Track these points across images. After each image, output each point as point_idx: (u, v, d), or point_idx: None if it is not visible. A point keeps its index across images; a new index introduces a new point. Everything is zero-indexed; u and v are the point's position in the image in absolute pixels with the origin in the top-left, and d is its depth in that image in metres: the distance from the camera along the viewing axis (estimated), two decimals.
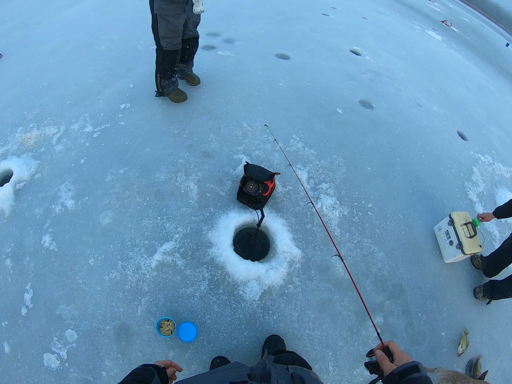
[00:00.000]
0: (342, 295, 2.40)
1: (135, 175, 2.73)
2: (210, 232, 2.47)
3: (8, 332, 2.16)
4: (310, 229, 2.62)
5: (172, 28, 2.71)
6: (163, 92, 3.21)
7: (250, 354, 2.10)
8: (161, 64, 2.96)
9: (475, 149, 3.91)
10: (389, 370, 0.89)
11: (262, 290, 2.29)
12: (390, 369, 0.89)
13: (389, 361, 0.93)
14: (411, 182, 3.17)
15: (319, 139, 3.24)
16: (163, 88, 3.18)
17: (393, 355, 0.95)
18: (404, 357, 0.92)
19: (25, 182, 2.74)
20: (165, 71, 3.01)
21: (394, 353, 0.95)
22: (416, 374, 0.84)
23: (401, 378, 0.85)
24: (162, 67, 2.99)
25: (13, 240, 2.47)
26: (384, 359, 0.94)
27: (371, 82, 4.32)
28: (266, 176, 2.51)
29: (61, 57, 4.03)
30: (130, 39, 4.25)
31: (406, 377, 0.84)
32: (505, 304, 2.77)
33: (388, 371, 0.90)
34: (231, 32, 4.64)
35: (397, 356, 0.94)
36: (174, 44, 2.83)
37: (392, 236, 2.75)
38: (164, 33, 2.73)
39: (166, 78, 3.07)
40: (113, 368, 2.02)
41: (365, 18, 6.63)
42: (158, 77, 3.09)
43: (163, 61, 2.93)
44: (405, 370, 0.86)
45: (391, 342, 0.99)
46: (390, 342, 0.99)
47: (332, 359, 2.19)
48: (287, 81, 3.80)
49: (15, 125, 3.17)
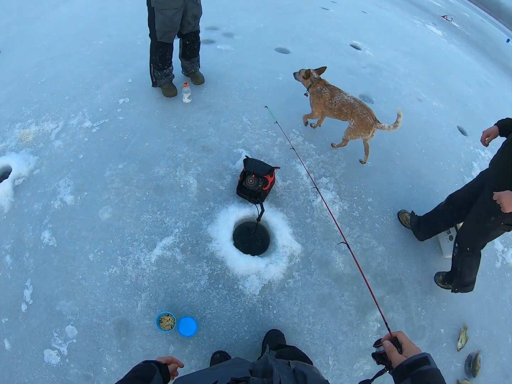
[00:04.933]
0: (342, 290, 2.39)
1: (134, 170, 2.72)
2: (209, 227, 2.46)
3: (8, 328, 2.16)
4: (310, 223, 2.61)
5: (168, 23, 2.69)
6: (157, 83, 3.22)
7: (250, 348, 2.10)
8: (153, 54, 2.98)
9: (475, 144, 3.90)
10: (398, 361, 0.87)
11: (262, 285, 2.29)
12: (399, 360, 0.87)
13: (398, 352, 0.91)
14: (411, 177, 3.16)
15: (319, 133, 3.22)
16: (157, 79, 3.18)
17: (401, 346, 0.93)
18: (413, 348, 0.90)
19: (24, 178, 2.73)
20: (157, 62, 3.01)
21: (403, 344, 0.93)
22: (426, 366, 0.82)
23: (411, 370, 0.82)
24: (154, 57, 2.99)
25: (13, 237, 2.46)
26: (392, 350, 0.92)
27: (371, 76, 4.30)
28: (266, 170, 2.50)
29: (59, 52, 3.99)
30: (128, 33, 4.21)
31: (416, 370, 0.82)
32: (504, 299, 2.77)
33: (397, 363, 0.87)
34: (230, 26, 4.61)
35: (406, 347, 0.91)
36: (169, 36, 2.83)
37: (392, 231, 2.74)
38: (160, 27, 2.71)
39: (158, 69, 3.07)
40: (114, 363, 2.02)
41: (365, 12, 6.58)
42: (151, 67, 3.11)
43: (155, 51, 2.95)
44: (414, 362, 0.84)
45: (400, 333, 0.97)
46: (398, 332, 0.97)
47: (332, 353, 2.19)
48: (287, 75, 3.78)
49: (13, 121, 3.15)
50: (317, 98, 2.82)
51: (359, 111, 2.64)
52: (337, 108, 2.73)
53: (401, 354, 0.90)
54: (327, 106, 2.79)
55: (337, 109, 2.74)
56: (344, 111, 2.71)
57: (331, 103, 2.75)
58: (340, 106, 2.71)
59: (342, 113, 2.73)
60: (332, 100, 2.74)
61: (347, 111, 2.69)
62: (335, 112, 2.78)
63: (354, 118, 2.68)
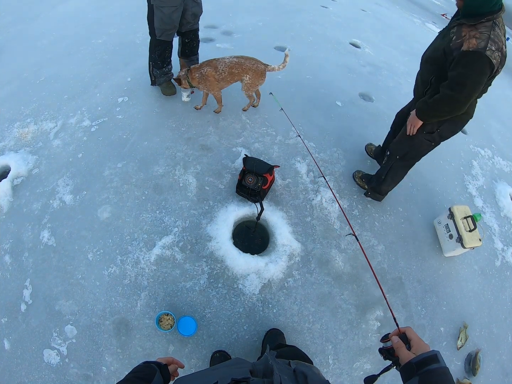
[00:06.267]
0: (342, 289, 2.39)
1: (133, 169, 2.71)
2: (209, 226, 2.46)
3: (8, 328, 2.15)
4: (310, 222, 2.60)
5: (167, 21, 2.67)
6: (156, 81, 3.21)
7: (250, 347, 2.10)
8: (152, 52, 2.97)
9: (475, 143, 3.89)
10: (407, 358, 0.85)
11: (262, 284, 2.29)
12: (407, 357, 0.85)
13: (406, 348, 0.89)
14: (410, 175, 3.13)
15: (319, 132, 3.22)
16: (156, 78, 3.17)
17: (410, 342, 0.91)
18: (422, 345, 0.88)
19: (23, 178, 2.72)
20: (156, 61, 3.00)
21: (411, 340, 0.91)
22: (434, 365, 0.80)
23: (419, 368, 0.81)
24: (153, 56, 2.99)
25: (12, 236, 2.45)
26: (401, 346, 0.90)
27: (370, 75, 4.29)
28: (266, 169, 2.49)
29: (58, 52, 3.98)
30: (127, 32, 4.20)
31: (424, 368, 0.80)
32: (503, 298, 2.77)
33: (405, 359, 0.86)
34: (229, 25, 4.60)
35: (414, 343, 0.89)
36: (168, 35, 2.82)
37: (391, 230, 2.74)
38: (159, 25, 2.71)
39: (157, 67, 3.06)
40: (113, 363, 2.02)
41: (364, 10, 6.56)
42: (150, 65, 3.11)
43: (154, 49, 2.94)
44: (423, 360, 0.82)
45: (408, 328, 0.95)
46: (407, 328, 0.95)
47: (332, 352, 2.19)
48: (286, 73, 3.75)
49: (12, 121, 3.13)
50: (205, 81, 2.83)
51: (249, 64, 2.76)
52: (228, 73, 2.78)
53: (409, 351, 0.88)
54: (218, 79, 2.81)
55: (228, 74, 2.79)
56: (235, 72, 2.79)
57: (220, 74, 2.78)
58: (230, 70, 2.77)
59: (234, 75, 2.81)
60: (218, 70, 2.76)
61: (238, 71, 2.78)
62: (228, 78, 2.83)
63: (247, 73, 2.79)
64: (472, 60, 1.69)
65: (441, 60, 1.88)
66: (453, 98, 1.83)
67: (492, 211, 3.22)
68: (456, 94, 1.80)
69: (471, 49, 1.67)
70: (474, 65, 1.70)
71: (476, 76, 1.72)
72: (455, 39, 1.75)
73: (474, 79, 1.74)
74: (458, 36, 1.74)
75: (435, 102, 1.93)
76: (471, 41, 1.68)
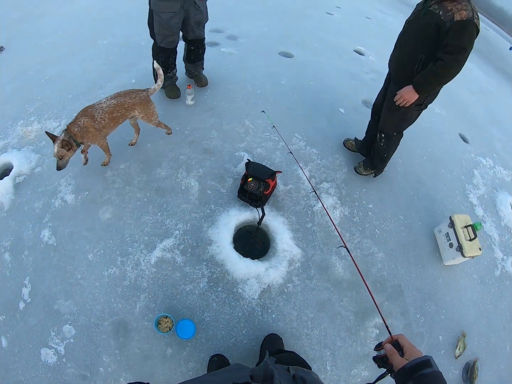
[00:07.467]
0: (341, 295, 2.39)
1: (135, 171, 2.72)
2: (210, 229, 2.46)
3: (5, 326, 2.15)
4: (311, 228, 2.61)
5: (165, 26, 2.68)
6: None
7: (248, 352, 2.10)
8: (155, 57, 2.94)
9: (476, 152, 3.90)
10: (400, 364, 0.87)
11: (262, 289, 2.29)
12: (401, 363, 0.87)
13: (399, 355, 0.91)
14: (412, 183, 3.16)
15: (321, 138, 3.23)
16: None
17: (403, 349, 0.92)
18: (415, 351, 0.90)
19: (25, 176, 2.72)
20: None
21: (404, 347, 0.92)
22: (428, 369, 0.82)
23: (413, 373, 0.82)
24: (157, 61, 2.96)
25: (12, 234, 2.45)
26: (394, 353, 0.92)
27: (374, 82, 4.30)
28: (268, 174, 2.50)
29: (63, 51, 4.00)
30: (132, 33, 4.22)
31: (418, 373, 0.82)
32: (502, 307, 2.77)
33: (398, 366, 0.87)
34: (234, 29, 4.62)
35: (407, 350, 0.91)
36: (168, 41, 2.81)
37: (392, 237, 2.74)
38: (158, 30, 2.71)
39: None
40: (111, 364, 2.01)
41: (369, 18, 6.59)
42: (154, 69, 3.08)
43: (157, 56, 2.91)
44: (416, 365, 0.84)
45: (401, 336, 0.96)
46: (399, 335, 0.97)
47: (330, 359, 2.18)
48: (290, 79, 3.79)
49: (16, 119, 3.15)
50: (87, 134, 2.37)
51: (130, 100, 2.43)
52: (109, 120, 2.40)
53: (402, 357, 0.90)
54: (100, 128, 2.40)
55: (109, 121, 2.41)
56: (118, 115, 2.43)
57: (99, 123, 2.37)
58: (110, 115, 2.39)
59: (118, 118, 2.46)
60: (96, 119, 2.35)
61: (121, 112, 2.44)
62: (111, 124, 2.45)
63: (135, 109, 2.49)
64: (467, 27, 1.94)
65: (434, 35, 2.06)
66: (458, 61, 2.02)
67: (492, 221, 3.22)
68: (460, 57, 2.01)
69: (465, 19, 1.91)
70: (468, 31, 1.95)
71: (471, 40, 1.98)
72: (443, 13, 1.97)
73: (470, 43, 1.99)
74: (446, 11, 1.97)
75: (441, 70, 2.08)
76: (461, 13, 1.91)
